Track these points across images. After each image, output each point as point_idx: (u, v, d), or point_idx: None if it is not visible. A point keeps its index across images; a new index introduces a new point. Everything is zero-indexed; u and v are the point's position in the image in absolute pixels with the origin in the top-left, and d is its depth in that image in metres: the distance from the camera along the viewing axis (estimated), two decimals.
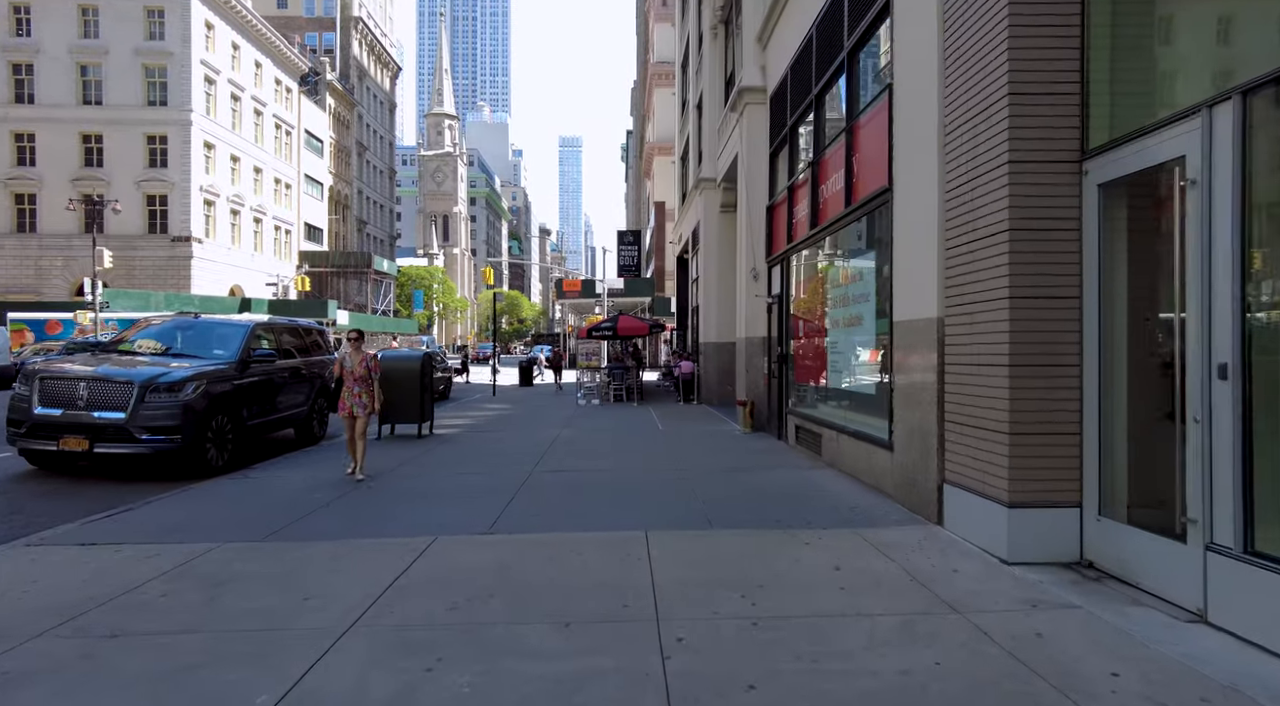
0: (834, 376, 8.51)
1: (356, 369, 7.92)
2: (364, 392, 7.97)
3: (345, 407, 7.97)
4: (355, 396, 7.95)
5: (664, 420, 14.27)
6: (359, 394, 7.95)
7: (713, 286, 17.90)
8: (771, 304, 11.48)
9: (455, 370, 27.19)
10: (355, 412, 7.90)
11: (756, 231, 12.06)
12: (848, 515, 6.12)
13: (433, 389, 12.27)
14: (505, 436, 11.92)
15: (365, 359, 7.98)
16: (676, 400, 18.94)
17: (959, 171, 5.25)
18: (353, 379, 7.91)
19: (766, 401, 11.75)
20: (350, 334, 8.19)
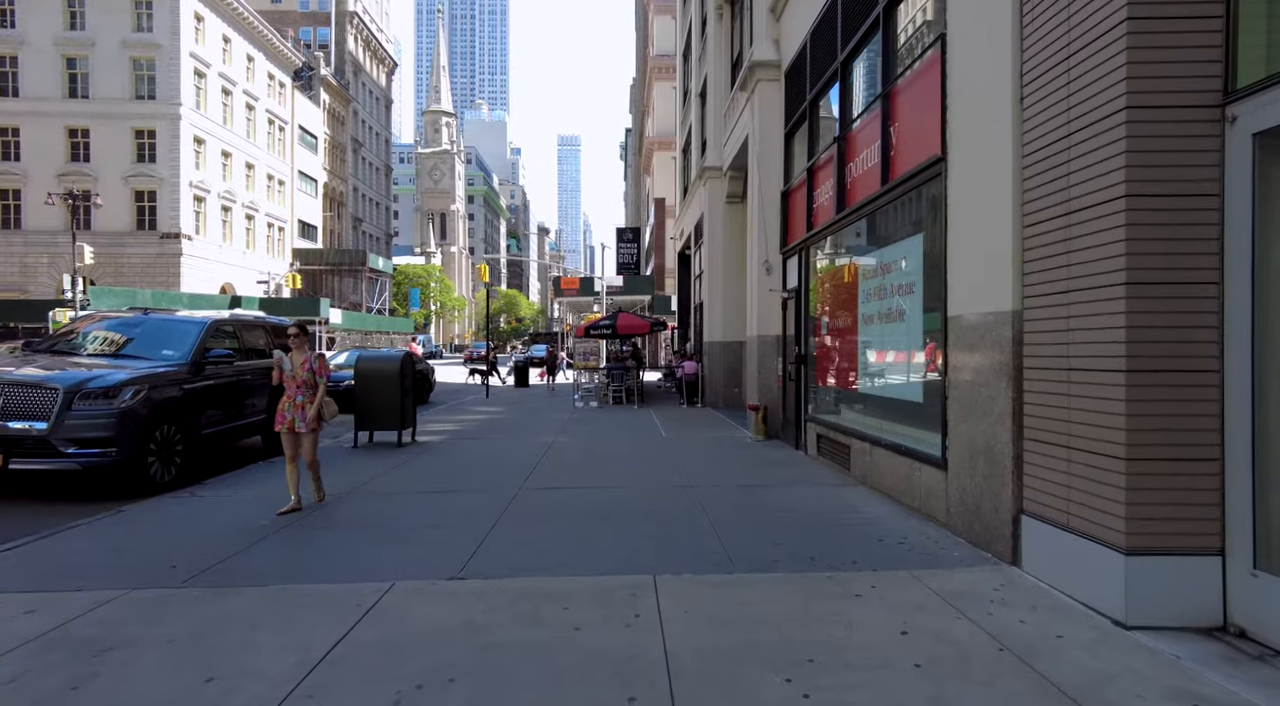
0: (866, 380, 7.44)
1: (298, 372, 6.47)
2: (308, 402, 6.51)
3: (283, 421, 6.44)
4: (297, 407, 6.45)
5: (667, 425, 13.22)
6: (302, 404, 6.47)
7: (718, 282, 16.85)
8: (787, 299, 10.42)
9: (483, 372, 26.17)
10: (295, 427, 6.44)
11: (770, 220, 11.01)
12: (897, 550, 5.06)
13: (414, 392, 11.22)
14: (494, 444, 10.86)
15: (308, 360, 6.51)
16: (679, 402, 17.89)
17: (1046, 128, 4.20)
18: (294, 385, 6.46)
19: (781, 406, 10.70)
20: (290, 329, 6.69)
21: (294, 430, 6.45)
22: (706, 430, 12.45)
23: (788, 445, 10.24)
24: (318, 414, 6.50)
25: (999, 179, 4.69)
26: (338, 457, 9.70)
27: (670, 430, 12.44)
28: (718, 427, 12.79)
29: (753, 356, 11.66)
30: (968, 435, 5.12)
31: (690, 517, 6.08)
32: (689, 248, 25.51)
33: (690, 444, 10.69)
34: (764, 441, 10.73)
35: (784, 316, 10.66)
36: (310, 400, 6.47)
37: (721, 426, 12.98)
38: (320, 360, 6.54)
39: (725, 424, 13.35)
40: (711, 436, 11.51)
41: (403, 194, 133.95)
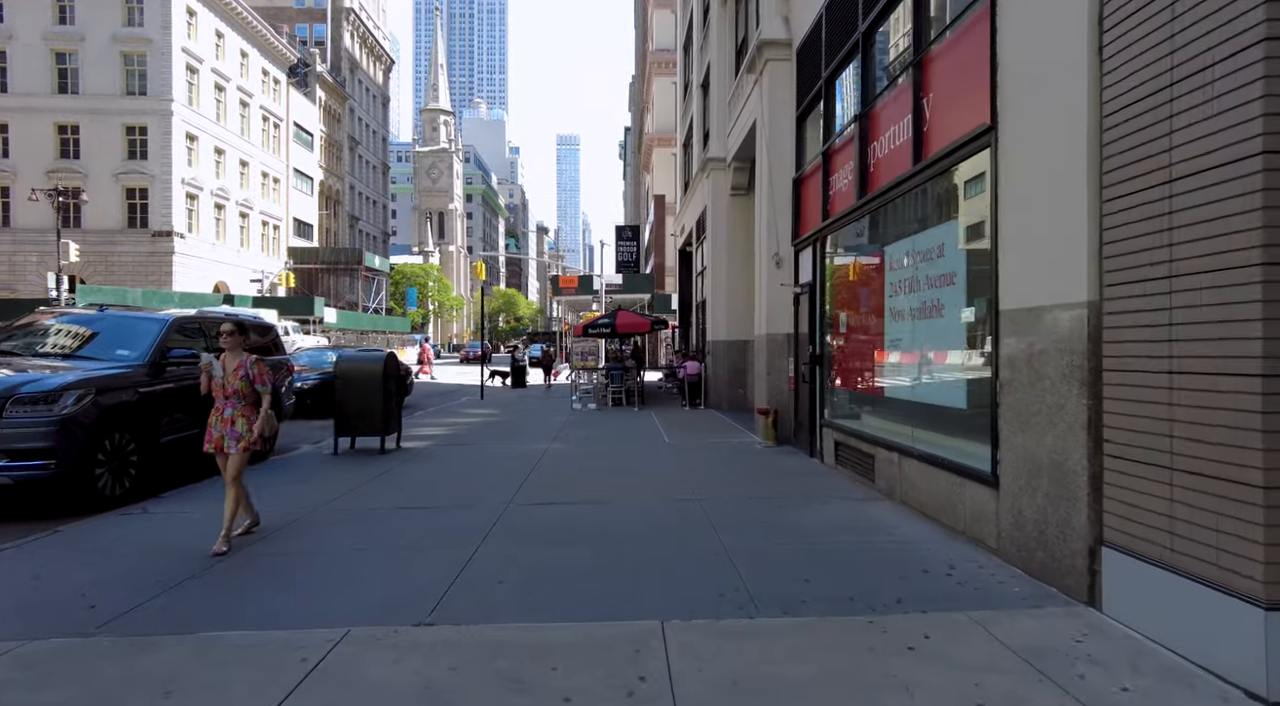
0: (895, 383, 6.69)
1: (230, 380, 5.26)
2: (241, 416, 5.28)
3: (211, 440, 5.28)
4: (226, 422, 5.25)
5: (670, 429, 12.47)
6: (232, 418, 5.25)
7: (722, 278, 16.10)
8: (800, 294, 9.67)
9: (503, 373, 26.31)
10: (225, 447, 5.25)
11: (780, 210, 10.26)
12: (946, 584, 4.31)
13: (399, 395, 10.47)
14: (484, 451, 10.10)
15: (243, 366, 5.32)
16: (680, 404, 17.14)
17: (1137, 79, 3.45)
18: (224, 396, 5.28)
19: (793, 410, 9.95)
20: (223, 327, 5.46)
21: (222, 449, 5.27)
22: (712, 435, 11.70)
23: (801, 452, 9.49)
24: (260, 433, 5.34)
25: (1069, 145, 3.94)
26: (315, 467, 8.95)
27: (673, 435, 11.69)
28: (724, 432, 12.04)
29: (761, 356, 10.91)
30: (1026, 448, 4.38)
31: (700, 540, 5.32)
32: (690, 244, 24.76)
33: (695, 451, 9.94)
34: (775, 448, 9.98)
35: (796, 313, 9.91)
36: (244, 413, 5.30)
37: (727, 430, 12.22)
38: (259, 365, 5.42)
39: (731, 428, 12.60)
40: (717, 442, 10.76)
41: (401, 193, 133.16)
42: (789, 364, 10.17)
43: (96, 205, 44.23)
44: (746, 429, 12.18)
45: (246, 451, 5.31)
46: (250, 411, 5.36)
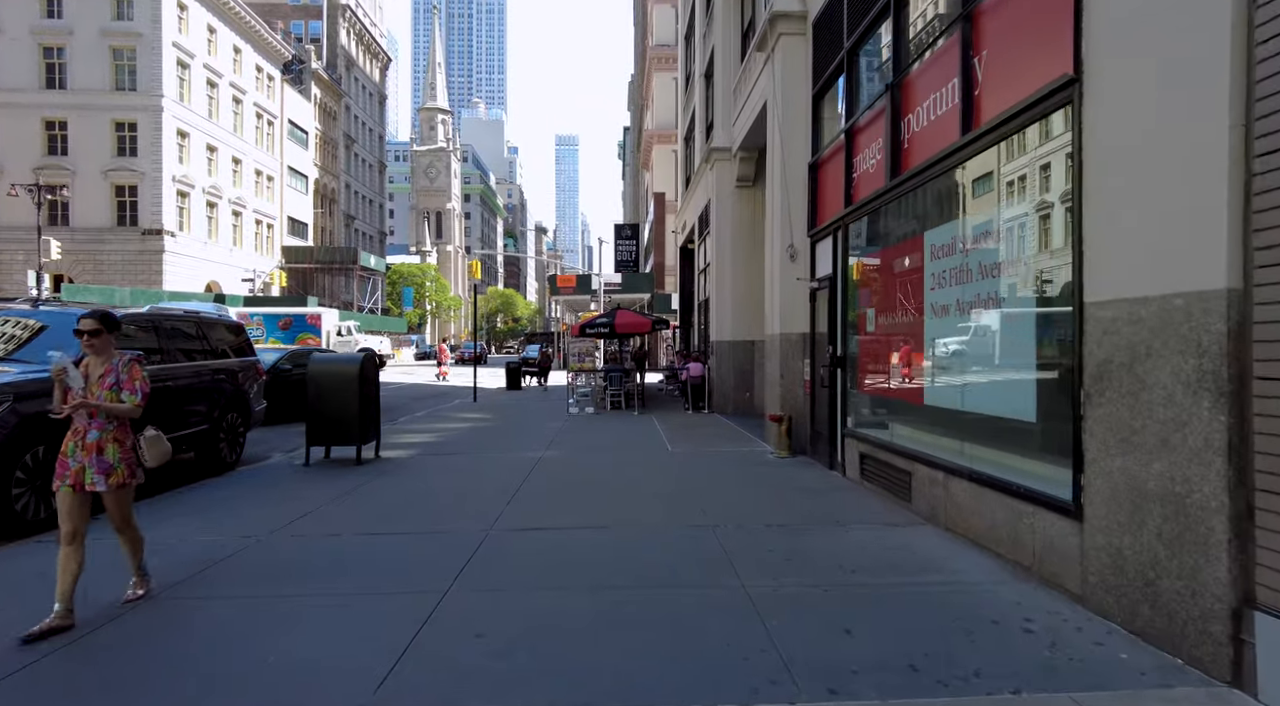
0: (938, 388, 5.80)
1: (94, 390, 3.92)
2: (111, 440, 3.94)
3: (65, 472, 3.87)
4: (90, 450, 3.88)
5: (673, 436, 11.57)
6: (99, 444, 3.90)
7: (726, 275, 15.23)
8: (817, 290, 8.79)
9: (534, 372, 26.31)
10: (88, 484, 3.87)
11: (794, 198, 9.37)
12: (1030, 647, 3.41)
13: (377, 400, 9.57)
14: (471, 461, 9.21)
15: (113, 370, 3.98)
16: (683, 408, 16.26)
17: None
18: (85, 413, 3.88)
19: (809, 417, 9.07)
20: (85, 324, 3.99)
21: (83, 488, 3.85)
22: (719, 443, 10.81)
23: (818, 464, 8.60)
24: (137, 461, 4.07)
25: (1200, 91, 3.06)
26: (281, 480, 8.05)
27: (677, 442, 10.80)
28: (731, 440, 11.14)
29: (773, 358, 10.02)
30: (1126, 473, 3.50)
31: (716, 581, 4.43)
32: (692, 241, 23.89)
33: (702, 462, 9.04)
34: (789, 459, 9.09)
35: (813, 310, 9.03)
36: (115, 437, 3.95)
37: (735, 438, 11.33)
38: (133, 366, 4.03)
39: (739, 435, 11.71)
40: (726, 452, 9.87)
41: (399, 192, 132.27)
42: (804, 366, 9.28)
43: (85, 203, 43.39)
44: (755, 436, 11.30)
45: (124, 490, 3.99)
46: (124, 433, 4.03)
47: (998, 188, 4.96)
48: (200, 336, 8.70)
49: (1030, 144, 4.56)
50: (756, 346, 15.05)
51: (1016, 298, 4.64)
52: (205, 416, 8.45)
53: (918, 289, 6.07)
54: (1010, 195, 4.80)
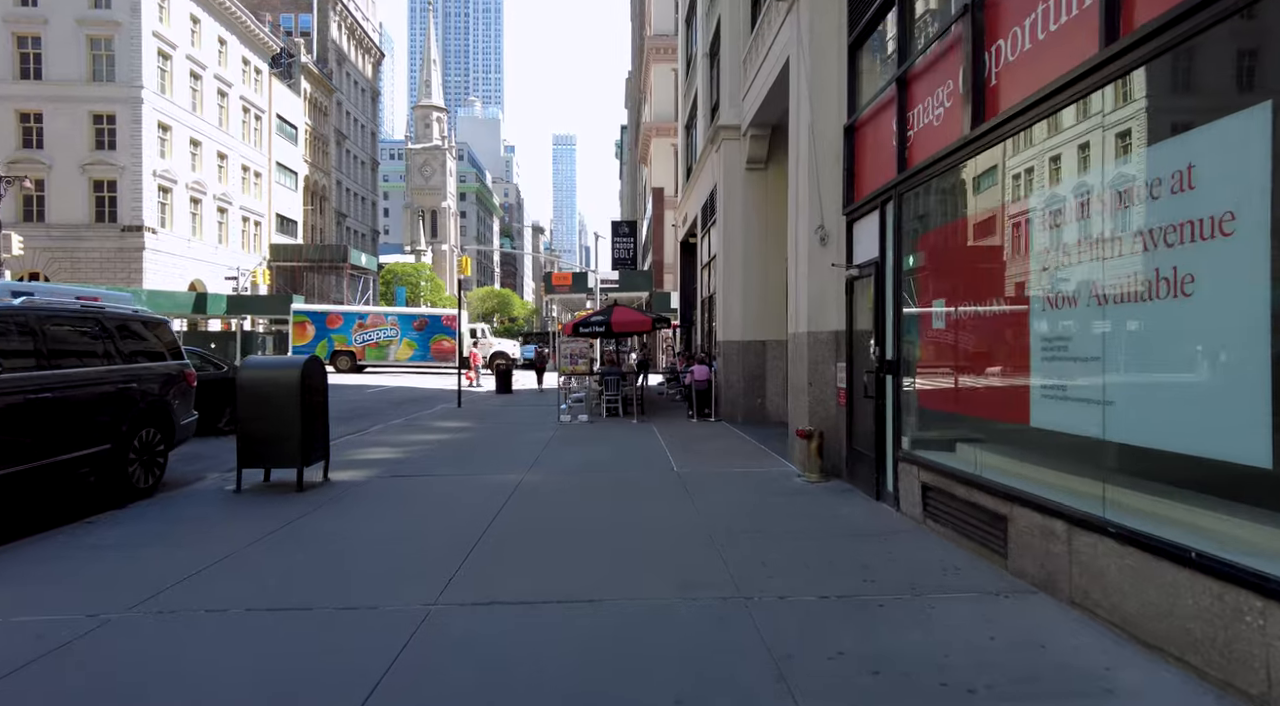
0: (1056, 400, 4.19)
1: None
2: None
3: None
4: None
5: (678, 451, 9.98)
6: None
7: (736, 267, 13.66)
8: (857, 278, 7.22)
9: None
10: None
11: (825, 169, 7.79)
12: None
13: (325, 412, 7.96)
14: (435, 489, 7.60)
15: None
16: (686, 414, 14.68)
17: None
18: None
19: (845, 433, 7.49)
20: None
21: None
22: (732, 460, 9.22)
23: (859, 491, 7.02)
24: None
25: None
26: (194, 515, 6.45)
27: (684, 460, 9.20)
28: (747, 456, 9.55)
29: (798, 361, 8.43)
30: None
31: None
32: (694, 234, 22.32)
33: (716, 487, 7.44)
34: (822, 484, 7.50)
35: (849, 303, 7.45)
36: None
37: (751, 454, 9.75)
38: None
39: (754, 450, 10.12)
40: (743, 473, 8.28)
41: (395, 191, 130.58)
42: (837, 371, 7.71)
43: (62, 198, 41.73)
44: (774, 451, 9.71)
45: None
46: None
47: (1181, 111, 3.38)
48: (102, 335, 7.10)
49: (1241, 36, 2.99)
50: (769, 347, 13.49)
51: (1226, 276, 3.05)
52: (108, 433, 6.84)
53: (1018, 269, 4.49)
54: (1212, 115, 3.22)
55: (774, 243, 13.48)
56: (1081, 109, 3.96)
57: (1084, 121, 3.96)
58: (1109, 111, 3.77)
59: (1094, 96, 3.85)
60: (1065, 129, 4.12)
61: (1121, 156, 3.69)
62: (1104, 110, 3.81)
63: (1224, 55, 3.13)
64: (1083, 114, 3.97)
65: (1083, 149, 3.98)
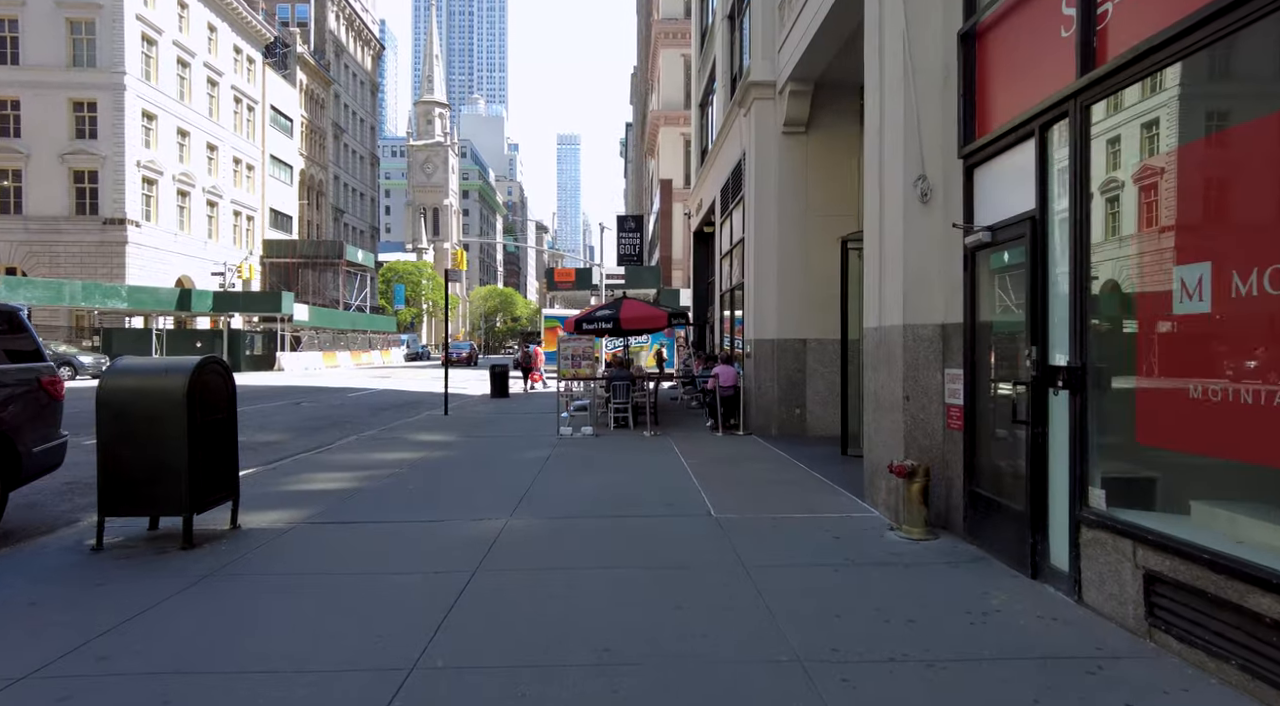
0: None
1: None
2: None
3: None
4: None
5: (711, 481, 7.73)
6: None
7: (769, 252, 11.42)
8: (985, 246, 4.97)
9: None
10: None
11: (928, 96, 5.55)
12: None
13: (231, 435, 5.72)
14: (377, 547, 5.35)
15: None
16: (708, 425, 12.45)
17: None
18: None
19: (963, 469, 5.25)
20: None
21: None
22: (787, 497, 6.96)
23: (994, 559, 4.77)
24: None
25: None
26: (21, 585, 4.25)
27: (722, 496, 6.94)
28: (803, 490, 7.29)
29: (884, 365, 6.15)
30: None
31: None
32: (710, 222, 20.09)
33: (781, 551, 5.17)
34: (928, 541, 5.25)
35: (971, 282, 5.21)
36: None
37: (804, 484, 7.49)
38: None
39: (806, 477, 7.87)
40: (809, 522, 6.00)
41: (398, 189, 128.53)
42: (946, 381, 5.47)
43: (40, 189, 39.73)
44: (835, 481, 7.45)
45: None
46: None
47: None
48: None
49: None
50: (810, 347, 11.25)
51: None
52: None
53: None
54: None
55: (816, 221, 11.24)
56: None
57: None
58: None
59: None
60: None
61: None
62: None
63: None
64: None
65: None
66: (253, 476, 8.15)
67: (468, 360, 49.36)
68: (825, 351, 11.13)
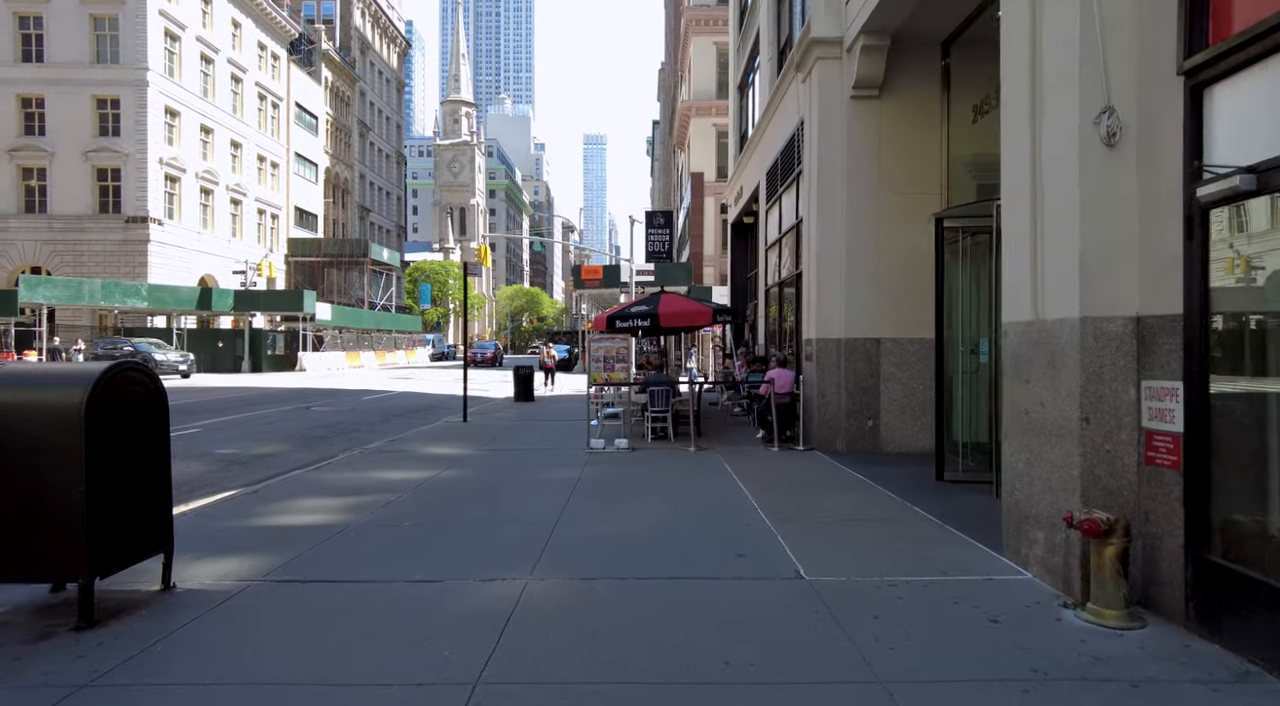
0: None
1: None
2: None
3: None
4: None
5: (784, 518, 6.13)
6: None
7: (835, 235, 9.79)
8: (1241, 195, 3.33)
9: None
10: None
11: (1112, 3, 3.92)
12: None
13: (161, 468, 4.29)
14: (346, 631, 3.86)
15: None
16: (759, 437, 10.85)
17: None
18: None
19: (1183, 526, 3.61)
20: None
21: None
22: (887, 541, 5.33)
23: (1264, 670, 3.14)
24: None
25: None
26: None
27: (802, 541, 5.34)
28: (903, 530, 5.66)
29: (1049, 376, 4.42)
30: None
31: None
32: (751, 211, 18.46)
33: (909, 637, 3.57)
34: (1133, 630, 3.61)
35: (1195, 257, 3.57)
36: None
37: (905, 523, 5.86)
38: None
39: (901, 511, 6.25)
40: (934, 588, 4.36)
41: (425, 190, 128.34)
42: (1144, 396, 3.83)
43: (64, 188, 39.33)
44: (939, 517, 5.82)
45: None
46: None
47: None
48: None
49: None
50: (885, 348, 9.60)
51: None
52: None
53: None
54: None
55: (891, 200, 9.60)
56: None
57: None
58: None
59: None
60: None
61: None
62: None
63: None
64: None
65: None
66: (227, 503, 6.76)
67: (492, 360, 48.13)
68: (903, 352, 9.48)
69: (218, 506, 6.65)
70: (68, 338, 33.69)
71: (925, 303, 9.52)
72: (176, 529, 4.49)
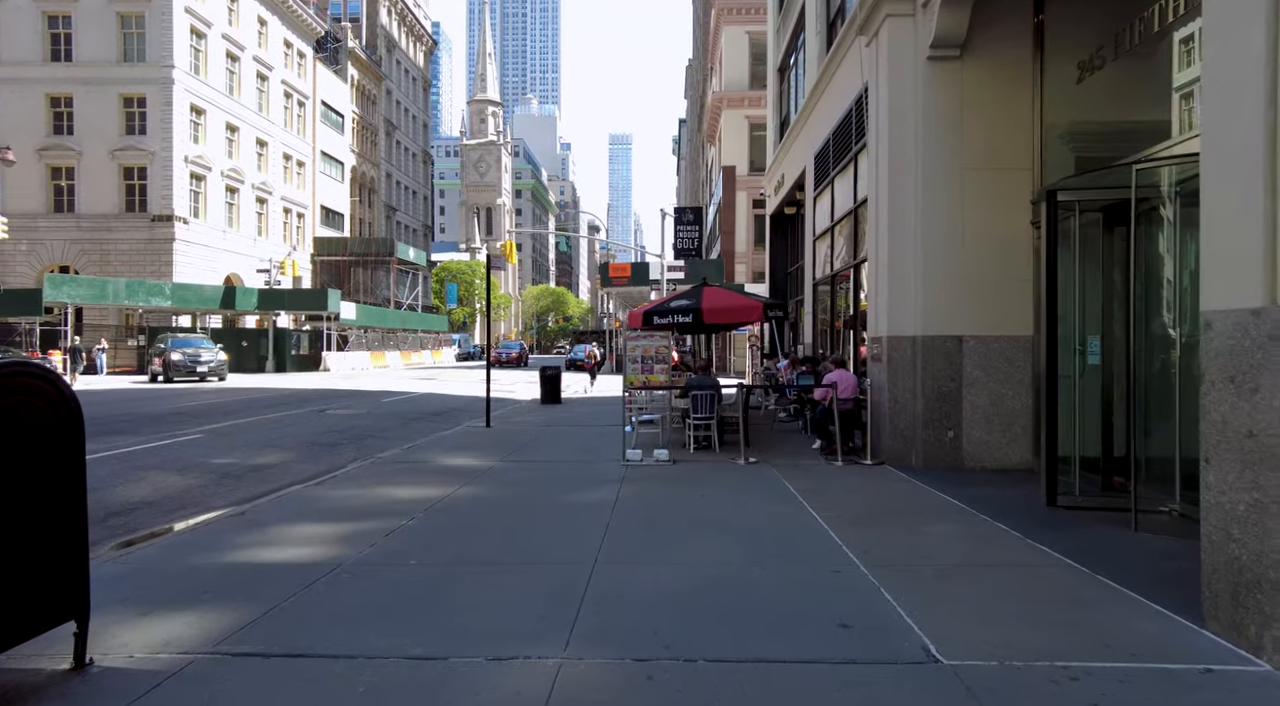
0: None
1: None
2: None
3: None
4: None
5: (884, 563, 4.88)
6: None
7: (908, 217, 8.50)
8: None
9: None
10: None
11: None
12: None
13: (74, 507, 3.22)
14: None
15: None
16: (814, 446, 9.60)
17: None
18: None
19: None
20: None
21: None
22: (1033, 599, 4.07)
23: None
24: None
25: None
26: None
27: (919, 599, 4.10)
28: (1043, 580, 4.39)
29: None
30: None
31: None
32: (795, 200, 17.17)
33: None
34: None
35: None
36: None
37: (1040, 570, 4.59)
38: None
39: (1023, 547, 4.98)
40: (1129, 681, 3.16)
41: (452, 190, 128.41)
42: None
43: (92, 187, 39.23)
44: (1079, 561, 4.54)
45: None
46: None
47: None
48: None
49: None
50: (968, 347, 8.29)
51: None
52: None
53: None
54: None
55: (975, 177, 8.29)
56: None
57: None
58: None
59: None
60: None
61: None
62: None
63: None
64: None
65: None
66: (202, 529, 5.70)
67: (517, 360, 47.23)
68: (990, 352, 8.16)
69: (190, 534, 5.59)
70: (92, 337, 33.41)
71: (1014, 294, 8.23)
72: (130, 568, 3.46)
